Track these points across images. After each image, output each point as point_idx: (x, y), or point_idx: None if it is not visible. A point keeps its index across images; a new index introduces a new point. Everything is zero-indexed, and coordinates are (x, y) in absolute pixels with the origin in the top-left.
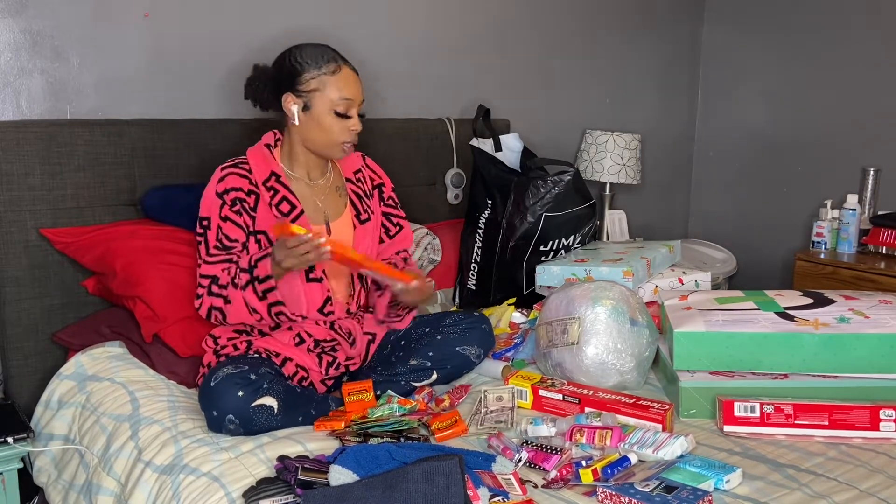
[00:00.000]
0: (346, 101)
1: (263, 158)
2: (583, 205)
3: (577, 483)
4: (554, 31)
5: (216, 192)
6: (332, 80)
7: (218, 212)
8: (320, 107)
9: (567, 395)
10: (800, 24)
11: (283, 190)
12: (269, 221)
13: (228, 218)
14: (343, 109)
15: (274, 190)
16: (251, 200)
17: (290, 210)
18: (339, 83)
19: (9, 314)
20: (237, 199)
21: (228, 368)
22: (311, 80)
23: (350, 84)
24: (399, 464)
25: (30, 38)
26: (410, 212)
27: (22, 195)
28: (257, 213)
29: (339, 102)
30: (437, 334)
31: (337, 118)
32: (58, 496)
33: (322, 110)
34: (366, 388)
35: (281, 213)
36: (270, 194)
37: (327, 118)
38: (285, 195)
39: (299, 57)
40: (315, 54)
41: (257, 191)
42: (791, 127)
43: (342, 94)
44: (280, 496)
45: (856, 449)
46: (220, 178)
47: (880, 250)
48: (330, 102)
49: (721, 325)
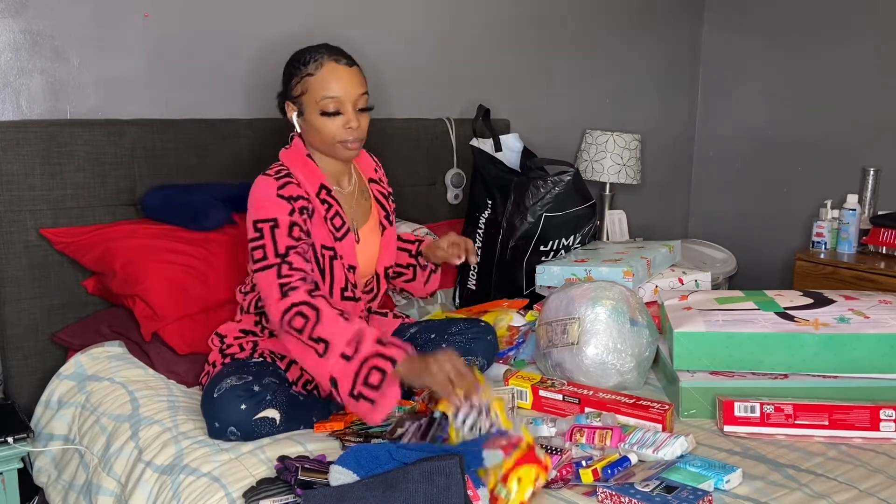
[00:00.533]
0: (329, 99)
1: (309, 169)
2: (583, 205)
3: (577, 483)
4: (554, 31)
5: (280, 196)
6: (314, 80)
7: (288, 212)
8: (310, 109)
9: (567, 395)
10: (800, 25)
11: (335, 205)
12: (324, 235)
13: (296, 223)
14: (332, 108)
15: (327, 204)
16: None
17: (342, 225)
18: (320, 82)
19: (9, 314)
20: (304, 208)
21: (232, 380)
22: (297, 84)
23: (331, 81)
24: (399, 464)
25: (30, 38)
26: (410, 212)
27: (22, 195)
28: (312, 224)
29: (323, 102)
30: (442, 342)
31: (326, 118)
32: (58, 496)
33: (312, 113)
34: None
35: (335, 228)
36: (325, 208)
37: (317, 120)
38: (338, 211)
39: (290, 62)
40: (301, 56)
41: (311, 203)
42: (791, 127)
43: (325, 93)
44: (280, 496)
45: (856, 449)
46: (280, 186)
47: (880, 250)
48: (315, 104)
49: (721, 325)
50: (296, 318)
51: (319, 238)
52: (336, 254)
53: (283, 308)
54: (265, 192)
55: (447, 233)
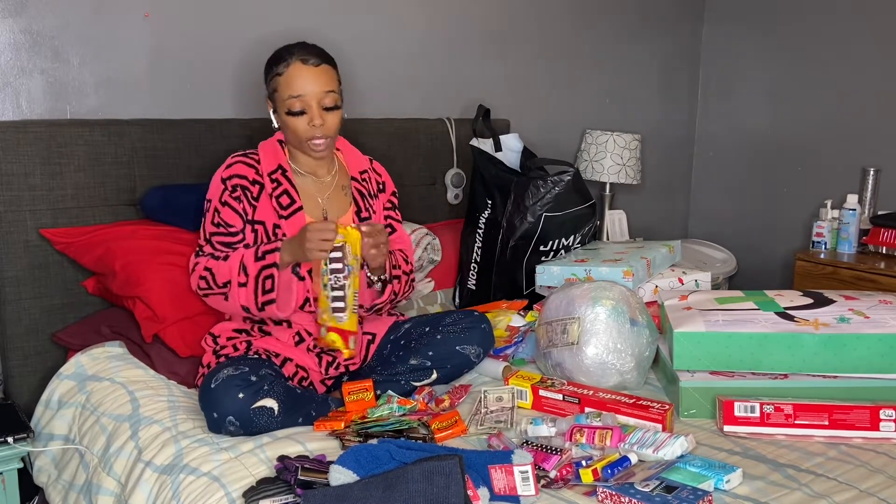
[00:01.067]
0: (293, 98)
1: (273, 151)
2: (583, 205)
3: (578, 483)
4: (554, 31)
5: (221, 178)
6: (281, 80)
7: (219, 196)
8: (279, 107)
9: (567, 395)
10: (800, 25)
11: (286, 183)
12: (269, 212)
13: (227, 203)
14: (297, 107)
15: (277, 182)
16: (255, 190)
17: (290, 203)
18: (285, 82)
19: (9, 314)
20: (238, 185)
21: (229, 370)
22: (270, 82)
23: (296, 80)
24: (399, 464)
25: (30, 38)
26: (410, 212)
27: (22, 195)
28: (259, 203)
29: (288, 102)
30: (437, 334)
31: (292, 117)
32: (58, 496)
33: (281, 111)
34: (366, 387)
35: (280, 206)
36: (273, 186)
37: (285, 118)
38: (287, 189)
39: (267, 61)
40: (276, 55)
41: (262, 181)
42: (791, 127)
43: (290, 92)
44: (280, 496)
45: (856, 449)
46: (228, 165)
47: (880, 250)
48: (283, 103)
49: (721, 325)
50: (200, 283)
51: (269, 217)
52: (285, 232)
53: (193, 284)
54: (217, 173)
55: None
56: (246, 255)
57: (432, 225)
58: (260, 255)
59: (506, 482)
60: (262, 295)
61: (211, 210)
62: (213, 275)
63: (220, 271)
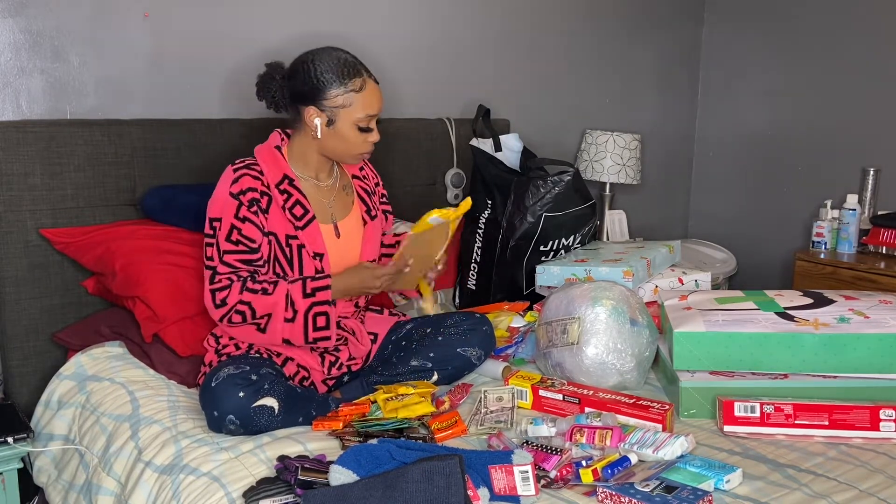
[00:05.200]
0: (371, 117)
1: (274, 160)
2: (583, 205)
3: (578, 483)
4: (554, 31)
5: (230, 193)
6: (359, 97)
7: (234, 212)
8: (345, 122)
9: (567, 395)
10: (800, 25)
11: (296, 193)
12: (281, 224)
13: (248, 219)
14: (366, 124)
15: (287, 193)
16: (264, 202)
17: (304, 213)
18: (364, 100)
19: (9, 314)
20: (254, 199)
21: (230, 368)
22: (338, 97)
23: (375, 100)
24: (399, 464)
25: (30, 38)
26: (411, 212)
27: (22, 195)
28: (269, 214)
29: (363, 119)
30: (438, 335)
31: (359, 132)
32: (58, 496)
33: (346, 126)
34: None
35: (295, 217)
36: (284, 197)
37: (351, 133)
38: (298, 199)
39: (323, 71)
40: (338, 68)
41: (269, 193)
42: (791, 127)
43: (368, 111)
44: (280, 496)
45: (856, 449)
46: (235, 180)
47: (880, 250)
48: (355, 119)
49: (721, 325)
50: (234, 316)
51: (281, 228)
52: (301, 242)
53: (220, 315)
54: (222, 189)
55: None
56: (293, 291)
57: None
58: (309, 291)
59: (506, 482)
60: (314, 331)
61: (225, 228)
62: (253, 310)
63: (260, 305)
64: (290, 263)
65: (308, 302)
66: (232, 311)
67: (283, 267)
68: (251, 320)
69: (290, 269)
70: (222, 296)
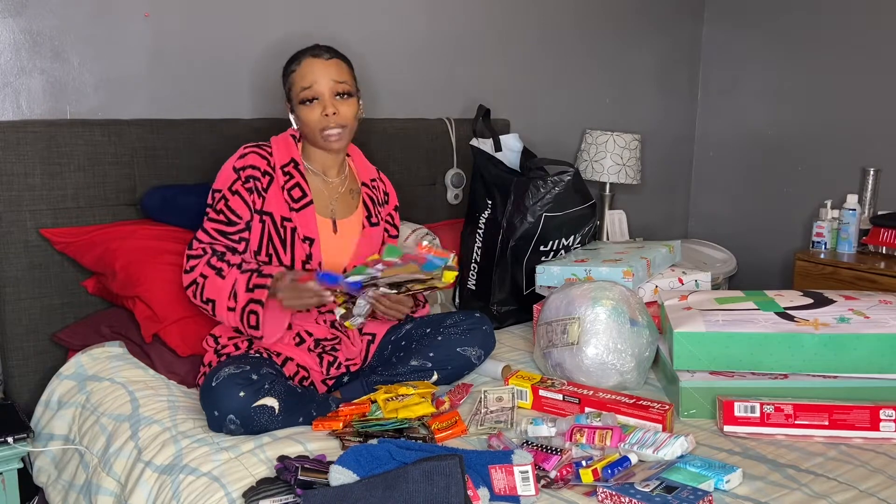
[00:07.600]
0: (305, 89)
1: (286, 145)
2: (583, 205)
3: (578, 483)
4: (554, 32)
5: (233, 167)
6: (295, 75)
7: (229, 184)
8: (294, 103)
9: (567, 395)
10: (800, 25)
11: (297, 177)
12: (279, 205)
13: (238, 192)
14: (308, 96)
15: (290, 175)
16: (265, 181)
17: (301, 196)
18: (299, 75)
19: (9, 314)
20: (251, 176)
21: (230, 368)
22: (288, 84)
23: (309, 72)
24: (399, 464)
25: (30, 38)
26: (411, 212)
27: (22, 195)
28: (268, 194)
29: (302, 93)
30: (437, 335)
31: (305, 106)
32: (58, 496)
33: (296, 105)
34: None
35: (292, 199)
36: (286, 178)
37: (302, 112)
38: (299, 182)
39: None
40: (290, 58)
41: (273, 173)
42: (791, 127)
43: (302, 84)
44: (280, 496)
45: (856, 449)
46: (241, 155)
47: (880, 250)
48: (297, 96)
49: (721, 325)
50: (189, 288)
51: (277, 209)
52: (295, 226)
53: (186, 283)
54: (228, 162)
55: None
56: (239, 281)
57: (432, 225)
58: (251, 286)
59: (506, 482)
60: (248, 329)
61: (218, 198)
62: (203, 289)
63: (209, 286)
64: (284, 246)
65: (248, 297)
66: (193, 282)
67: (277, 249)
68: (198, 300)
69: (283, 252)
70: (192, 263)
